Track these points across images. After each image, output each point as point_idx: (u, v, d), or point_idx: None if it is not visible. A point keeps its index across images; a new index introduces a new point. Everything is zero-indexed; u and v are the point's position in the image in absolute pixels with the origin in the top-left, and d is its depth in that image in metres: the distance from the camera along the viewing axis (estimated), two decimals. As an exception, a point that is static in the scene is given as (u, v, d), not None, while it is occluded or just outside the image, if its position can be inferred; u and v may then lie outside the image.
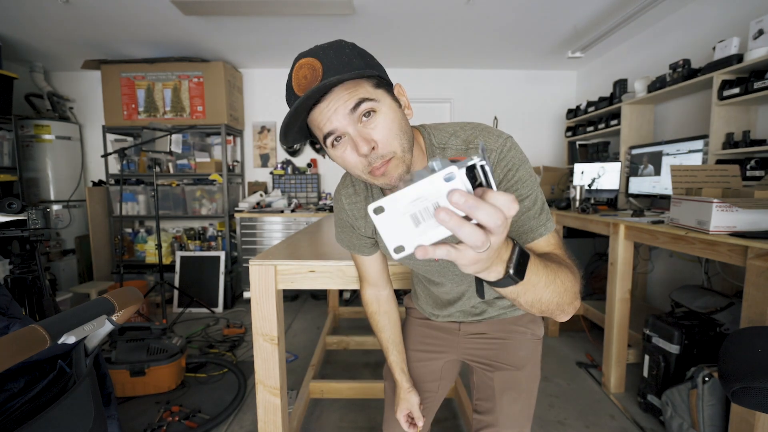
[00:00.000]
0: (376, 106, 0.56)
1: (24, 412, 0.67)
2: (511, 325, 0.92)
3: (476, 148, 0.64)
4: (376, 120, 0.57)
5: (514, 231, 0.63)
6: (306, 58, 0.56)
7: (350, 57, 0.56)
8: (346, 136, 0.57)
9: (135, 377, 1.91)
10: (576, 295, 0.55)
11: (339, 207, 0.84)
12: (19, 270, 2.04)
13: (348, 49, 0.57)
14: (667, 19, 2.65)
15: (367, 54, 0.60)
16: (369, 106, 0.56)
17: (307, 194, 3.88)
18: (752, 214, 1.33)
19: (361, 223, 0.81)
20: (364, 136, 0.56)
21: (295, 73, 0.57)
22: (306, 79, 0.55)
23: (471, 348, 0.96)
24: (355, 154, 0.58)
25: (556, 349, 2.53)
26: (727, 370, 1.07)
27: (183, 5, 2.42)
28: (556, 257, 0.59)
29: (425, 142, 0.69)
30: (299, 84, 0.56)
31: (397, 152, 0.58)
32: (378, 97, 0.57)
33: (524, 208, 0.63)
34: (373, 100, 0.56)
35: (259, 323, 1.19)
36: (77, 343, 0.78)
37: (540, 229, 0.63)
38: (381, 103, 0.57)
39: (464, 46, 3.26)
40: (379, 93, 0.58)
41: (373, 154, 0.57)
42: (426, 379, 1.00)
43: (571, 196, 2.48)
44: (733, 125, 2.00)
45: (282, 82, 3.86)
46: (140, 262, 3.63)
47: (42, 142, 3.35)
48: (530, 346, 0.93)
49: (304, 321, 3.10)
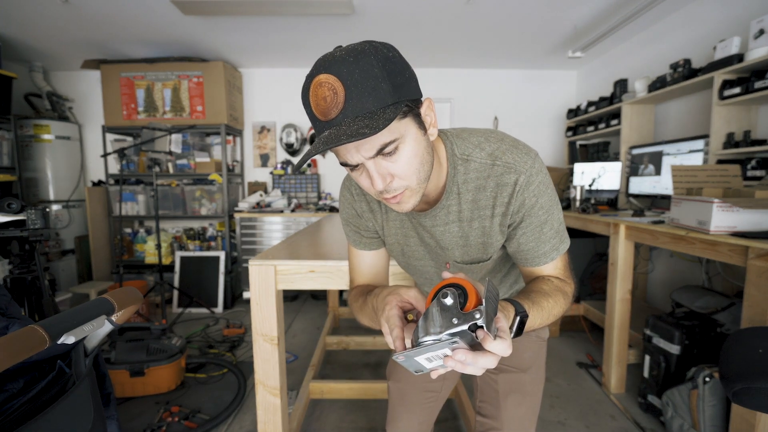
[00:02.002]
0: (399, 144, 0.53)
1: (23, 412, 0.67)
2: None
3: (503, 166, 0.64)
4: (396, 156, 0.54)
5: (523, 254, 0.68)
6: (326, 75, 0.49)
7: (377, 81, 0.49)
8: (363, 166, 0.56)
9: (135, 377, 1.91)
10: (564, 310, 0.64)
11: (346, 206, 0.81)
12: (18, 270, 2.04)
13: (377, 69, 0.49)
14: (667, 18, 2.65)
15: (395, 68, 0.51)
16: (392, 147, 0.53)
17: (307, 194, 3.88)
18: (753, 214, 1.33)
19: (367, 216, 0.79)
20: (381, 172, 0.55)
21: (313, 89, 0.51)
22: (326, 102, 0.50)
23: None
24: (368, 181, 0.57)
25: (556, 349, 2.53)
26: (727, 371, 1.07)
27: (183, 5, 2.42)
28: (555, 285, 0.64)
29: (447, 151, 0.66)
30: (318, 104, 0.51)
31: (412, 186, 0.58)
32: (402, 131, 0.53)
33: (541, 234, 0.65)
34: (395, 140, 0.53)
35: (259, 323, 1.18)
36: (77, 343, 0.78)
37: (552, 253, 0.67)
38: (404, 139, 0.54)
39: (464, 46, 3.26)
40: (404, 124, 0.54)
41: (389, 186, 0.56)
42: (428, 379, 0.97)
43: (571, 196, 2.48)
44: (733, 125, 2.00)
45: (282, 82, 3.87)
46: (140, 262, 3.63)
47: (41, 142, 3.35)
48: (535, 348, 0.92)
49: (304, 321, 3.10)
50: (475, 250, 0.70)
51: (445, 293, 0.44)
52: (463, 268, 0.74)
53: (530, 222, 0.64)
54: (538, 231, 0.65)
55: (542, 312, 0.58)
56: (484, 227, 0.67)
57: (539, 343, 0.92)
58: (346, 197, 0.81)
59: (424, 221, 0.70)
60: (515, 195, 0.63)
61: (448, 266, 0.74)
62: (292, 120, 3.88)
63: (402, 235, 0.76)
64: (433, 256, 0.76)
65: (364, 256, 0.84)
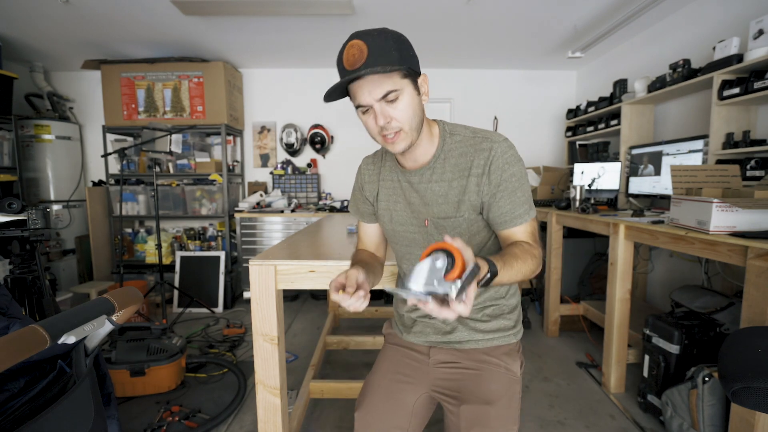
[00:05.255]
0: (399, 94, 0.73)
1: (24, 412, 0.67)
2: (484, 356, 0.88)
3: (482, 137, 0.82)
4: (396, 104, 0.73)
5: (503, 216, 0.80)
6: (357, 40, 0.70)
7: (390, 49, 0.70)
8: (372, 109, 0.74)
9: (135, 377, 1.91)
10: (534, 272, 0.75)
11: (358, 174, 1.00)
12: (19, 270, 2.04)
13: (391, 41, 0.72)
14: (667, 19, 2.65)
15: (404, 45, 0.74)
16: (393, 95, 0.72)
17: (307, 194, 3.88)
18: (752, 214, 1.33)
19: (368, 186, 0.96)
20: (384, 113, 0.74)
21: (347, 49, 0.71)
22: (353, 57, 0.69)
23: (440, 378, 0.91)
24: (374, 122, 0.75)
25: (556, 349, 2.53)
26: (727, 370, 1.07)
27: (183, 5, 2.42)
28: (524, 247, 0.76)
29: (440, 130, 0.85)
30: (348, 59, 0.71)
31: (405, 129, 0.76)
32: (402, 86, 0.73)
33: (515, 198, 0.79)
34: (397, 90, 0.72)
35: (259, 323, 1.19)
36: (77, 343, 0.78)
37: (523, 216, 0.80)
38: (403, 91, 0.73)
39: (464, 46, 3.26)
40: (404, 83, 0.73)
41: (387, 125, 0.74)
42: (396, 414, 0.92)
43: (571, 196, 2.48)
44: (733, 125, 2.00)
45: (282, 82, 3.89)
46: (140, 262, 3.63)
47: (42, 142, 3.35)
48: (504, 382, 0.87)
49: (304, 321, 3.10)
50: (451, 207, 0.83)
51: (438, 257, 0.55)
52: (438, 224, 0.84)
53: (506, 188, 0.79)
54: (512, 195, 0.79)
55: (511, 270, 0.68)
56: (462, 186, 0.81)
57: (509, 378, 0.87)
58: (359, 169, 1.00)
59: (413, 178, 0.86)
60: (490, 160, 0.79)
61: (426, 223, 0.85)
62: (292, 120, 3.89)
63: (393, 201, 0.90)
64: (415, 216, 0.87)
65: (366, 228, 1.00)
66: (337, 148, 3.97)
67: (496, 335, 0.90)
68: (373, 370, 1.01)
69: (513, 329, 0.92)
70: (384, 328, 1.09)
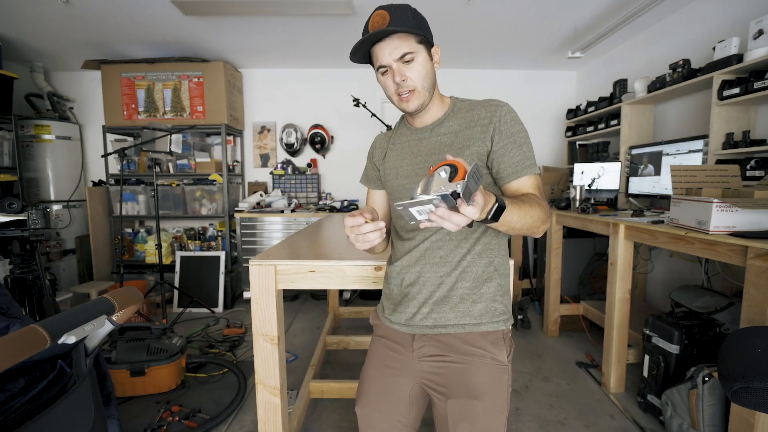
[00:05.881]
0: (414, 56, 0.82)
1: (24, 412, 0.67)
2: (469, 347, 0.85)
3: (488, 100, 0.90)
4: (411, 65, 0.82)
5: (513, 167, 0.83)
6: (381, 10, 0.81)
7: (409, 18, 0.81)
8: (390, 69, 0.83)
9: (135, 377, 1.91)
10: (544, 221, 0.77)
11: (372, 144, 1.06)
12: (19, 270, 2.05)
13: (410, 12, 0.82)
14: (667, 19, 2.65)
15: (421, 19, 0.84)
16: (410, 56, 0.81)
17: (307, 194, 3.88)
18: (752, 214, 1.33)
19: (377, 152, 1.02)
20: (400, 72, 0.82)
21: (372, 17, 0.81)
22: (377, 23, 0.80)
23: (426, 372, 0.89)
24: (391, 81, 0.84)
25: (556, 349, 2.53)
26: (726, 370, 1.07)
27: (183, 5, 2.42)
28: (532, 198, 0.78)
29: (452, 101, 0.95)
30: (372, 25, 0.81)
31: (418, 88, 0.84)
32: (417, 50, 0.82)
33: (523, 151, 0.84)
34: (413, 52, 0.81)
35: (259, 323, 1.19)
36: (77, 343, 0.78)
37: (528, 169, 0.84)
38: (418, 54, 0.82)
39: (464, 46, 3.26)
40: (419, 47, 0.82)
41: (403, 83, 0.83)
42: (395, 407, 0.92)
43: (571, 196, 2.48)
44: (733, 125, 2.00)
45: (282, 82, 3.90)
46: (140, 262, 3.63)
47: (42, 142, 3.35)
48: (491, 373, 0.84)
49: (304, 321, 3.10)
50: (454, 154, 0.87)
51: (440, 170, 0.58)
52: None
53: (514, 140, 0.84)
54: (519, 148, 0.84)
55: (520, 210, 0.71)
56: (467, 135, 0.87)
57: (496, 368, 0.85)
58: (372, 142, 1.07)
59: (423, 134, 0.93)
60: (498, 115, 0.85)
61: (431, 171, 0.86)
62: (292, 120, 3.89)
63: (400, 158, 0.95)
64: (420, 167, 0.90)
65: (373, 195, 1.05)
66: (337, 148, 3.97)
67: (484, 320, 0.86)
68: (365, 363, 1.00)
69: (503, 315, 0.88)
70: (371, 319, 1.04)
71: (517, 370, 2.25)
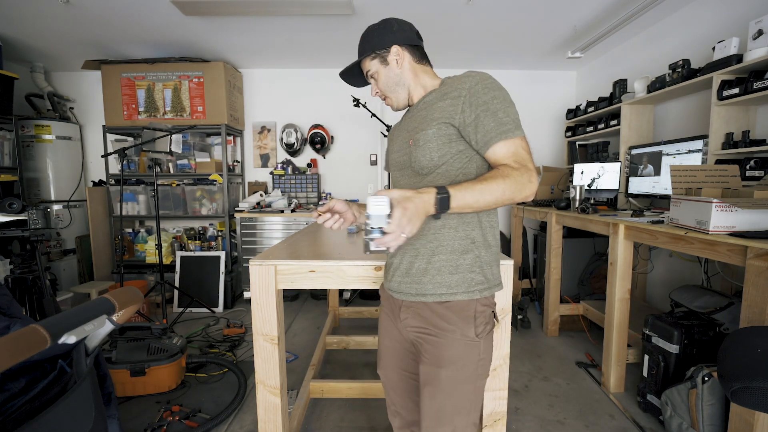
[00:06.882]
0: (375, 74, 0.98)
1: (24, 412, 0.67)
2: (443, 322, 0.90)
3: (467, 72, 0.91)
4: (377, 80, 0.99)
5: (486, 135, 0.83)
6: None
7: (364, 43, 0.97)
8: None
9: (135, 377, 1.92)
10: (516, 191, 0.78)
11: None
12: (19, 270, 2.05)
13: (364, 37, 0.98)
14: (666, 19, 2.65)
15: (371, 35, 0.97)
16: (372, 74, 0.99)
17: (307, 194, 3.89)
18: (752, 214, 1.34)
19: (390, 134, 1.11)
20: (374, 86, 1.01)
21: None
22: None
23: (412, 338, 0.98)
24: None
25: (555, 348, 2.53)
26: (726, 370, 1.07)
27: (183, 5, 2.42)
28: (498, 171, 0.79)
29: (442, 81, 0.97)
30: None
31: (387, 94, 0.99)
32: (375, 67, 0.97)
33: (497, 118, 0.82)
34: (370, 71, 0.98)
35: (259, 323, 1.19)
36: (78, 343, 0.78)
37: (503, 135, 0.82)
38: (377, 71, 0.97)
39: (464, 47, 3.26)
40: (376, 64, 0.97)
41: (378, 94, 1.01)
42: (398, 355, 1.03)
43: (570, 196, 2.48)
44: (732, 125, 2.00)
45: (282, 82, 3.90)
46: (140, 262, 3.64)
47: (42, 142, 3.36)
48: (458, 348, 0.89)
49: (304, 321, 3.10)
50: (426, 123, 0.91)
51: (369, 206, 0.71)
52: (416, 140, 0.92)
53: (485, 109, 0.83)
54: (494, 115, 0.82)
55: (473, 191, 0.75)
56: (438, 107, 0.90)
57: (466, 343, 0.90)
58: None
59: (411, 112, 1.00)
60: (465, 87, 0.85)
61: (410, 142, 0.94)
62: (292, 120, 3.89)
63: (396, 137, 1.04)
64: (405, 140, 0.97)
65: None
66: (337, 148, 3.97)
67: (460, 290, 0.89)
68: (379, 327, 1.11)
69: (480, 285, 0.90)
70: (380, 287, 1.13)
71: (516, 369, 2.25)
